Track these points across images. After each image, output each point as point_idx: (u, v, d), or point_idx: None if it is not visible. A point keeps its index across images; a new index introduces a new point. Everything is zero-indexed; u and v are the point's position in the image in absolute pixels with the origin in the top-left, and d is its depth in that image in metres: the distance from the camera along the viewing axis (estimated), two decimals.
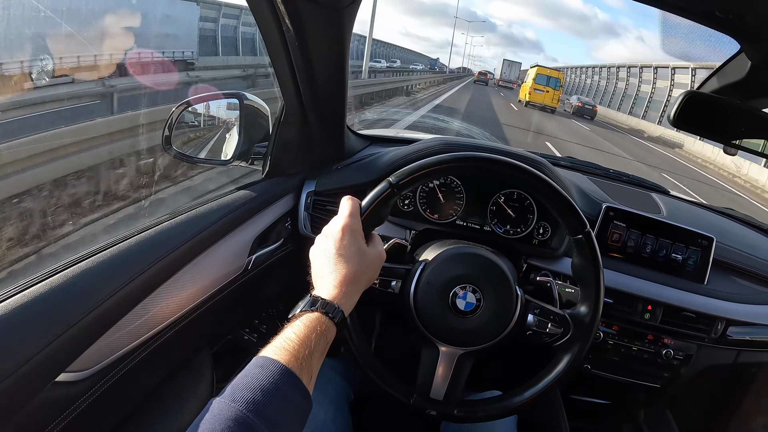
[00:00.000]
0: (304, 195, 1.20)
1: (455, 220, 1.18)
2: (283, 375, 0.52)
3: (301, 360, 0.54)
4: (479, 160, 0.78)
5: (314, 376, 0.57)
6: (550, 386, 0.81)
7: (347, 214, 0.71)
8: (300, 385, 0.53)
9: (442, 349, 0.81)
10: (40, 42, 2.91)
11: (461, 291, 0.79)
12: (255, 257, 1.03)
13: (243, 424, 0.46)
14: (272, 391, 0.50)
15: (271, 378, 0.51)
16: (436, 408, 0.81)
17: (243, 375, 0.52)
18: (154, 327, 0.78)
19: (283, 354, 0.54)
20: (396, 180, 0.76)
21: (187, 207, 0.95)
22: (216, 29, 17.16)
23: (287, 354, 0.54)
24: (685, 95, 0.84)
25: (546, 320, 0.81)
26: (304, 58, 0.92)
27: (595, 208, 1.20)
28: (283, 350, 0.55)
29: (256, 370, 0.52)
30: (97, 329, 0.68)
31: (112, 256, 0.75)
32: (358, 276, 0.67)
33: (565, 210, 0.79)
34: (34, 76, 3.24)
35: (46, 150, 2.73)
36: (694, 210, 1.50)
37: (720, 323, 1.19)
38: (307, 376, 0.55)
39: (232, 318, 1.14)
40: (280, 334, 0.58)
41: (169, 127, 1.04)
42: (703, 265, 1.21)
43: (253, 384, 0.50)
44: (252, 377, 0.51)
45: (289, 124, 1.11)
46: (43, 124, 3.26)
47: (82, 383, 0.68)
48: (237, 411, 0.47)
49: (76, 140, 3.06)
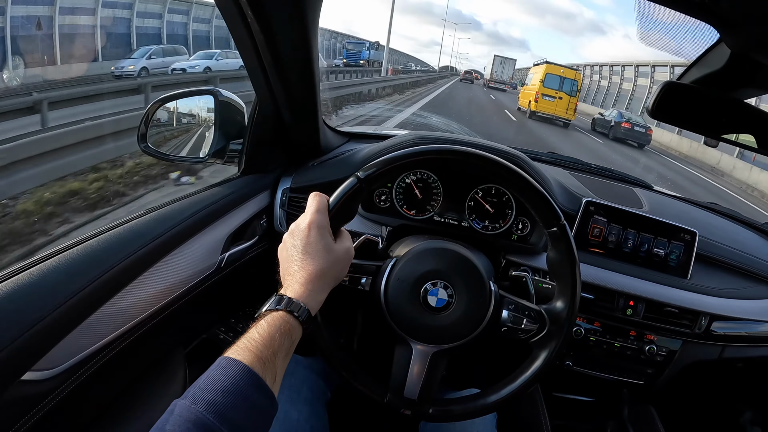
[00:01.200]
0: (279, 192, 1.20)
1: (432, 215, 1.18)
2: (245, 376, 0.52)
3: (265, 360, 0.54)
4: (447, 152, 0.77)
5: (279, 376, 0.57)
6: (527, 383, 0.80)
7: (314, 210, 0.70)
8: (263, 386, 0.53)
9: (415, 347, 0.80)
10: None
11: (432, 287, 0.78)
12: (228, 255, 1.03)
13: (202, 426, 0.46)
14: (233, 393, 0.50)
15: (233, 379, 0.51)
16: (411, 407, 0.80)
17: (205, 376, 0.52)
18: (123, 325, 0.78)
19: (246, 354, 0.54)
20: (364, 174, 0.75)
21: (158, 205, 0.94)
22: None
23: (250, 354, 0.54)
24: (663, 86, 0.83)
25: (521, 316, 0.80)
26: (272, 52, 0.91)
27: (576, 203, 1.20)
28: (246, 350, 0.54)
29: (218, 371, 0.52)
30: (64, 327, 0.67)
31: (79, 253, 0.75)
32: (325, 273, 0.67)
33: (538, 202, 0.78)
34: None
35: None
36: (677, 204, 1.50)
37: (704, 318, 1.19)
38: (271, 376, 0.55)
39: (207, 317, 1.14)
40: (245, 334, 0.58)
41: (144, 123, 1.04)
42: (686, 260, 1.21)
43: (215, 385, 0.50)
44: (214, 378, 0.51)
45: (263, 120, 1.11)
46: None
47: (49, 382, 0.67)
48: (197, 413, 0.47)
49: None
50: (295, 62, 0.97)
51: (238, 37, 0.92)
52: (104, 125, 4.32)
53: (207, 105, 1.08)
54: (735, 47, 0.75)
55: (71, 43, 13.87)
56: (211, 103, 1.07)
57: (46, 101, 5.44)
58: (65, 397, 0.70)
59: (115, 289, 0.76)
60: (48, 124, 5.27)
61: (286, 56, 0.94)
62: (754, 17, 0.65)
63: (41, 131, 4.79)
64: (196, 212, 0.95)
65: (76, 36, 14.37)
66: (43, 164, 3.58)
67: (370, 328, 1.35)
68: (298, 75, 1.00)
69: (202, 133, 1.11)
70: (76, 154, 3.92)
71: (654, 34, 1.03)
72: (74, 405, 0.72)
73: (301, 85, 1.04)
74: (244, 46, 0.93)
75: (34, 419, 0.65)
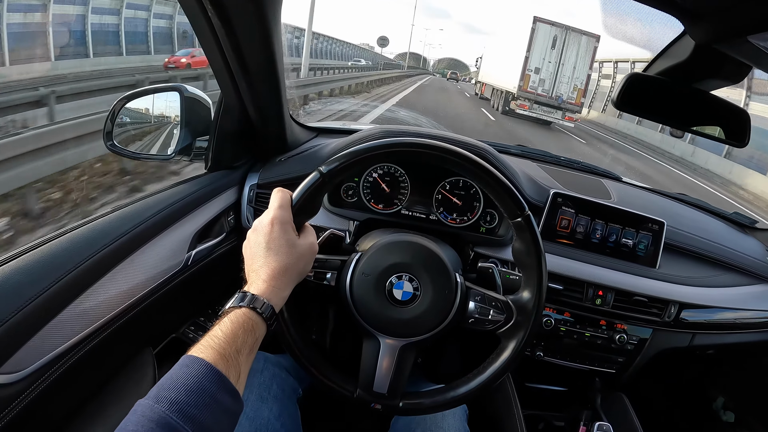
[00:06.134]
0: (246, 188, 1.22)
1: (400, 209, 1.21)
2: (209, 373, 0.53)
3: (228, 357, 0.56)
4: (409, 145, 0.79)
5: (244, 373, 0.58)
6: (496, 374, 0.82)
7: (276, 206, 0.72)
8: (227, 384, 0.54)
9: (383, 341, 0.82)
10: None
11: (397, 280, 0.80)
12: (195, 252, 1.05)
13: (165, 426, 0.47)
14: (196, 391, 0.51)
15: (196, 377, 0.52)
16: (381, 401, 0.82)
17: (168, 375, 0.53)
18: (90, 325, 0.79)
19: (208, 352, 0.55)
20: (327, 169, 0.76)
21: (123, 203, 0.96)
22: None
23: (213, 352, 0.55)
24: (628, 77, 0.87)
25: (488, 307, 0.82)
26: (233, 46, 0.93)
27: (543, 195, 1.24)
28: (209, 348, 0.56)
29: (181, 369, 0.53)
30: (30, 329, 0.68)
31: (42, 253, 0.76)
32: (288, 269, 0.69)
33: (501, 193, 0.79)
34: None
35: None
36: (646, 195, 1.56)
37: (673, 306, 1.24)
38: (234, 374, 0.56)
39: (175, 316, 1.16)
40: (209, 332, 0.59)
41: (110, 120, 1.05)
42: (654, 250, 1.26)
43: (177, 383, 0.51)
44: (176, 377, 0.52)
45: (229, 116, 1.13)
46: None
47: (16, 385, 0.68)
48: (159, 412, 0.48)
49: None
50: (258, 58, 0.98)
51: (200, 32, 0.93)
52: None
53: (173, 101, 1.09)
54: (699, 39, 0.78)
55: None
56: (177, 100, 1.08)
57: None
58: (33, 400, 0.70)
59: (80, 289, 0.77)
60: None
61: (249, 52, 0.95)
62: (717, 9, 0.68)
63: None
64: (162, 210, 0.97)
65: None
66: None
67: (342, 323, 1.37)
68: (261, 71, 1.02)
69: (169, 131, 1.12)
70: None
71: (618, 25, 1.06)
72: (42, 408, 0.73)
73: (265, 81, 1.05)
74: (207, 41, 0.94)
75: (1, 423, 0.66)
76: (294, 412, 0.98)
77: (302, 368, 0.81)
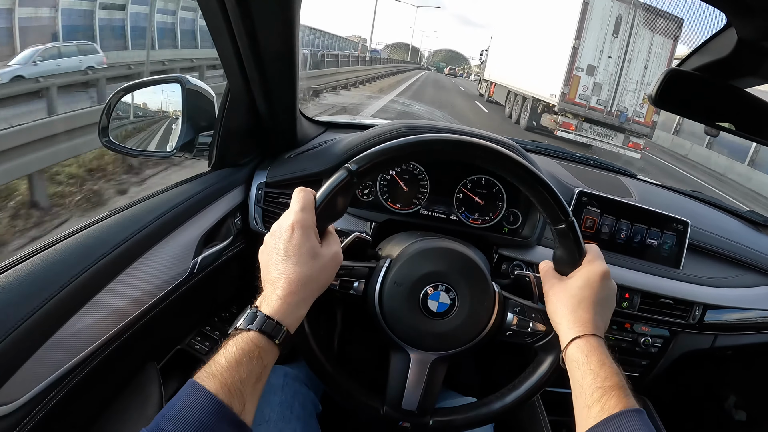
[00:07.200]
0: (254, 187, 1.16)
1: (419, 209, 1.16)
2: (207, 405, 0.51)
3: (230, 387, 0.52)
4: (450, 143, 0.72)
5: (250, 402, 0.54)
6: (533, 389, 0.78)
7: (299, 208, 0.65)
8: (228, 415, 0.51)
9: (413, 355, 0.77)
10: None
11: (433, 290, 0.75)
12: (201, 258, 0.98)
13: None
14: (194, 423, 0.49)
15: (193, 408, 0.50)
16: (410, 419, 0.78)
17: (171, 403, 0.51)
18: (88, 345, 0.73)
19: (210, 381, 0.52)
20: (356, 167, 0.69)
21: (121, 207, 0.89)
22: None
23: (215, 381, 0.52)
24: (667, 73, 0.83)
25: (527, 319, 0.77)
26: (248, 32, 0.86)
27: (567, 194, 1.21)
28: (211, 376, 0.53)
29: (183, 398, 0.51)
30: (21, 353, 0.62)
31: (32, 267, 0.69)
32: (309, 281, 0.62)
33: (546, 198, 0.74)
34: None
35: None
36: (664, 193, 1.55)
37: (698, 308, 1.23)
38: (238, 404, 0.52)
39: (180, 327, 1.09)
40: (214, 356, 0.56)
41: (106, 115, 0.99)
42: (678, 250, 1.24)
43: (177, 414, 0.50)
44: (177, 406, 0.51)
45: (236, 109, 1.07)
46: None
47: (10, 417, 0.62)
48: None
49: None
50: (275, 46, 0.92)
51: (213, 22, 0.87)
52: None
53: (174, 94, 1.02)
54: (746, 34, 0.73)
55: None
56: (178, 92, 1.01)
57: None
58: (31, 431, 0.65)
59: (76, 306, 0.70)
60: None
61: (265, 39, 0.89)
62: None
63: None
64: (164, 213, 0.90)
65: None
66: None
67: (351, 327, 1.31)
68: (278, 63, 0.96)
69: (168, 125, 1.06)
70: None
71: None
72: None
73: (280, 74, 1.00)
74: (219, 32, 0.88)
75: None
76: (316, 429, 0.93)
77: (324, 385, 0.76)
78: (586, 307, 0.69)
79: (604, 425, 0.57)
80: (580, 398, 0.63)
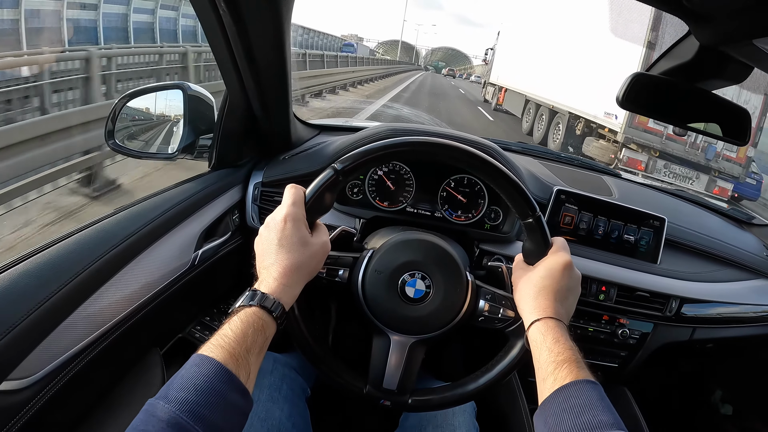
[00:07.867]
0: (251, 186, 1.22)
1: (405, 207, 1.21)
2: (219, 373, 0.53)
3: (238, 357, 0.56)
4: (425, 144, 0.79)
5: (253, 373, 0.59)
6: (504, 371, 0.83)
7: (290, 202, 0.72)
8: (236, 383, 0.55)
9: (393, 337, 0.83)
10: None
11: (410, 278, 0.81)
12: (201, 252, 1.05)
13: (176, 425, 0.48)
14: (206, 390, 0.51)
15: (206, 376, 0.52)
16: (390, 398, 0.83)
17: (179, 374, 0.53)
18: (98, 328, 0.79)
19: (218, 352, 0.55)
20: (341, 166, 0.76)
21: (129, 203, 0.96)
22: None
23: (223, 351, 0.55)
24: (633, 76, 0.89)
25: (498, 306, 0.83)
26: (243, 43, 0.92)
27: (547, 191, 1.26)
28: (219, 348, 0.56)
29: (191, 368, 0.54)
30: (38, 333, 0.68)
31: (50, 256, 0.76)
32: (301, 267, 0.69)
33: (513, 194, 0.80)
34: None
35: None
36: (646, 191, 1.58)
37: (674, 301, 1.26)
38: (245, 374, 0.56)
39: (182, 316, 1.16)
40: (219, 330, 0.59)
41: (111, 119, 1.05)
42: (655, 245, 1.28)
43: (187, 383, 0.52)
44: (186, 376, 0.53)
45: (234, 113, 1.12)
46: None
47: (27, 390, 0.68)
48: (169, 412, 0.48)
49: None
50: (268, 54, 0.98)
51: (208, 29, 0.92)
52: None
53: (176, 99, 1.08)
54: (705, 40, 0.79)
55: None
56: (180, 98, 1.07)
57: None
58: (42, 406, 0.70)
59: (88, 291, 0.77)
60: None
61: (259, 48, 0.95)
62: (725, 13, 0.69)
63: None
64: (168, 210, 0.97)
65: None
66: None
67: (345, 319, 1.37)
68: (270, 67, 1.01)
69: (170, 129, 1.12)
70: None
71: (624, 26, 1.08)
72: (52, 413, 0.73)
73: (273, 78, 1.05)
74: (215, 37, 0.93)
75: (12, 430, 0.66)
76: (304, 411, 0.99)
77: (312, 365, 0.82)
78: (546, 295, 0.74)
79: (555, 395, 0.62)
80: (539, 374, 0.69)
